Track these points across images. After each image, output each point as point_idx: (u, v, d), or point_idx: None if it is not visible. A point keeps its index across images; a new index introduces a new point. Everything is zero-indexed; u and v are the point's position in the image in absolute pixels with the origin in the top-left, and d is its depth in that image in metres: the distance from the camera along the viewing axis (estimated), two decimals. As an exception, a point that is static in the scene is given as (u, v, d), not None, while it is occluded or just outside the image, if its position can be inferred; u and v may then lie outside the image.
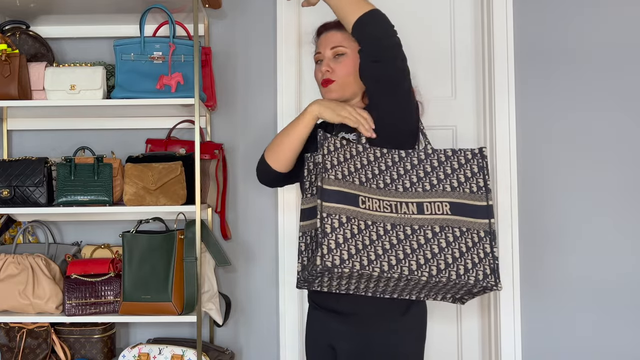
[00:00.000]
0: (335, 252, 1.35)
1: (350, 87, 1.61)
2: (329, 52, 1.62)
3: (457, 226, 1.44)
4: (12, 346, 1.96)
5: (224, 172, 2.16)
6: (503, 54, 2.17)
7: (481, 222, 1.45)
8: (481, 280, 1.40)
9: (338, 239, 1.37)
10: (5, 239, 2.16)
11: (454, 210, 1.46)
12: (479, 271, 1.41)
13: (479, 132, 2.25)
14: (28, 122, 2.22)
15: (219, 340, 2.22)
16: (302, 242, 1.50)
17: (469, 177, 1.49)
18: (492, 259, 1.42)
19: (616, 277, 2.17)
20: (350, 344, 1.51)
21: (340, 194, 1.41)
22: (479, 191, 1.48)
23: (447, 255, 1.41)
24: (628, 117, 2.18)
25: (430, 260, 1.40)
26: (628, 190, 2.17)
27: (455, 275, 1.39)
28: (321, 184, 1.41)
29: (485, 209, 1.46)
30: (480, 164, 1.51)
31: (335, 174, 1.44)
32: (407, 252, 1.40)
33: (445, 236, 1.42)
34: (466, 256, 1.41)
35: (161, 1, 1.96)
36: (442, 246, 1.41)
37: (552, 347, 2.17)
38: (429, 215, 1.45)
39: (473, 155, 1.52)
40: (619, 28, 2.19)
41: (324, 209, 1.38)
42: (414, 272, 1.37)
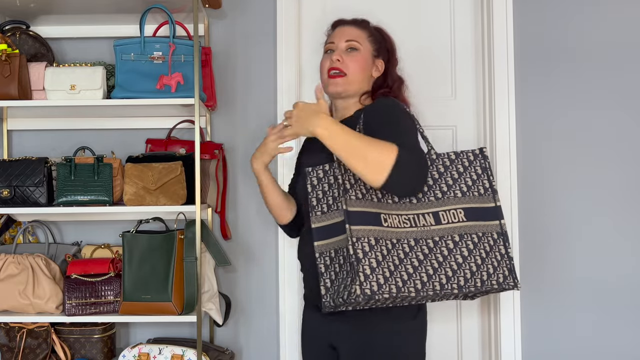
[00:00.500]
0: (371, 277, 1.33)
1: (355, 85, 1.61)
2: (343, 44, 1.61)
3: (474, 232, 1.44)
4: (12, 346, 1.96)
5: (224, 172, 2.16)
6: (503, 54, 2.18)
7: (493, 224, 1.46)
8: (502, 283, 1.42)
9: (372, 263, 1.34)
10: (5, 239, 2.16)
11: (468, 216, 1.45)
12: (499, 274, 1.42)
13: (479, 132, 2.26)
14: (28, 122, 2.22)
15: (219, 340, 2.22)
16: (321, 263, 1.45)
17: (475, 180, 1.49)
18: (507, 260, 1.44)
19: (616, 278, 2.17)
20: (353, 344, 1.50)
21: (364, 215, 1.39)
22: (485, 193, 1.48)
23: (471, 264, 1.41)
24: (628, 116, 2.18)
25: (457, 271, 1.40)
26: (629, 190, 2.17)
27: (480, 282, 1.40)
28: (346, 207, 1.38)
29: (495, 210, 1.47)
30: (483, 164, 1.50)
31: (356, 194, 1.42)
32: (435, 266, 1.40)
33: (465, 244, 1.43)
34: (487, 261, 1.43)
35: (161, 1, 1.96)
36: (465, 255, 1.42)
37: (552, 347, 2.17)
38: (446, 224, 1.44)
39: (475, 157, 1.51)
40: (618, 27, 2.19)
41: (353, 233, 1.35)
42: (445, 286, 1.38)
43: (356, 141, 1.35)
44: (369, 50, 1.63)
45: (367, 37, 1.64)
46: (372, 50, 1.64)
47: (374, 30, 1.68)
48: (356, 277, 1.32)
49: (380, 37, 1.68)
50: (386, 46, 1.69)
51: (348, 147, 1.35)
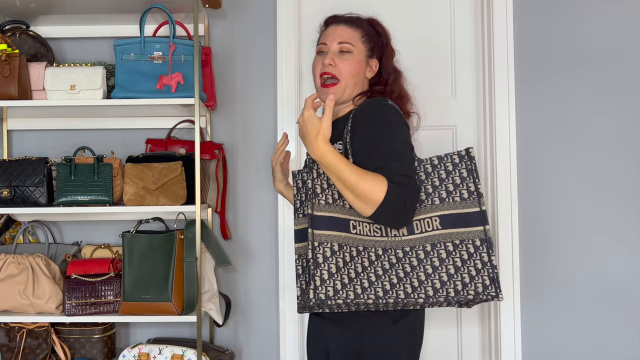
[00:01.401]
0: (328, 282, 1.31)
1: (349, 89, 1.57)
2: (336, 46, 1.57)
3: (449, 240, 1.37)
4: (12, 346, 1.96)
5: (224, 172, 2.16)
6: (503, 54, 2.18)
7: (476, 230, 1.37)
8: (481, 293, 1.33)
9: (331, 269, 1.32)
10: (5, 239, 2.16)
11: (444, 223, 1.38)
12: (478, 284, 1.34)
13: (479, 132, 2.26)
14: (28, 122, 2.22)
15: (219, 340, 2.22)
16: (298, 265, 1.45)
17: (458, 184, 1.41)
18: (490, 268, 1.34)
19: (618, 279, 2.16)
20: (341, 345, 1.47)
21: (331, 220, 1.37)
22: (470, 197, 1.39)
23: (442, 274, 1.34)
24: (628, 116, 2.18)
25: (424, 281, 1.34)
26: (629, 190, 2.17)
27: (454, 292, 1.33)
28: (311, 211, 1.36)
29: (479, 216, 1.37)
30: (469, 166, 1.41)
31: (326, 199, 1.39)
32: (400, 275, 1.35)
33: (437, 253, 1.36)
34: (462, 270, 1.35)
35: (161, 1, 1.96)
36: (436, 265, 1.35)
37: (553, 352, 2.17)
38: (419, 234, 1.38)
39: (460, 159, 1.42)
40: (618, 27, 2.19)
41: (315, 237, 1.34)
42: (410, 295, 1.33)
43: (347, 173, 1.34)
44: (362, 51, 1.59)
45: (360, 38, 1.59)
46: (365, 51, 1.59)
47: (367, 27, 1.63)
48: (311, 281, 1.30)
49: (374, 34, 1.63)
50: (381, 41, 1.64)
51: (339, 178, 1.35)
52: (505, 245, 2.16)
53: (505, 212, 2.16)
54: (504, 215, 2.16)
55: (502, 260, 2.16)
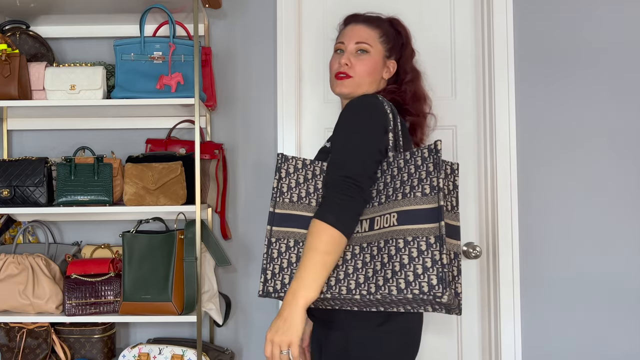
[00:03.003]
0: (278, 277, 1.38)
1: (363, 87, 1.57)
2: (353, 45, 1.57)
3: (401, 237, 1.29)
4: (12, 346, 1.96)
5: (224, 172, 2.16)
6: (503, 54, 2.17)
7: (431, 227, 1.27)
8: (426, 293, 1.23)
9: (283, 264, 1.39)
10: (5, 239, 2.16)
11: (401, 219, 1.31)
12: (423, 282, 1.24)
13: (479, 132, 2.26)
14: (28, 122, 2.22)
15: (219, 340, 2.22)
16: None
17: (422, 179, 1.32)
18: (440, 267, 1.24)
19: (618, 279, 2.16)
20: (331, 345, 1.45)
21: (292, 217, 1.42)
22: (431, 192, 1.30)
23: (387, 271, 1.28)
24: (628, 115, 2.18)
25: (370, 278, 1.30)
26: (629, 189, 2.17)
27: (396, 290, 1.25)
28: (273, 209, 1.43)
29: (435, 212, 1.28)
30: (436, 160, 1.32)
31: (291, 197, 1.44)
32: (348, 272, 1.33)
33: (388, 250, 1.29)
34: (408, 268, 1.26)
35: (161, 1, 1.96)
36: (385, 261, 1.29)
37: (553, 352, 2.17)
38: (377, 230, 1.33)
39: (429, 153, 1.34)
40: (619, 27, 2.19)
41: (274, 233, 1.41)
42: (352, 291, 1.30)
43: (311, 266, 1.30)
44: (380, 52, 1.58)
45: (378, 38, 1.59)
46: (383, 51, 1.59)
47: (387, 27, 1.62)
48: (263, 275, 1.39)
49: (394, 34, 1.62)
50: (400, 42, 1.63)
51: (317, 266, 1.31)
52: (505, 245, 2.16)
53: (505, 212, 2.16)
54: (504, 215, 2.16)
55: (501, 260, 2.16)
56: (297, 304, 1.30)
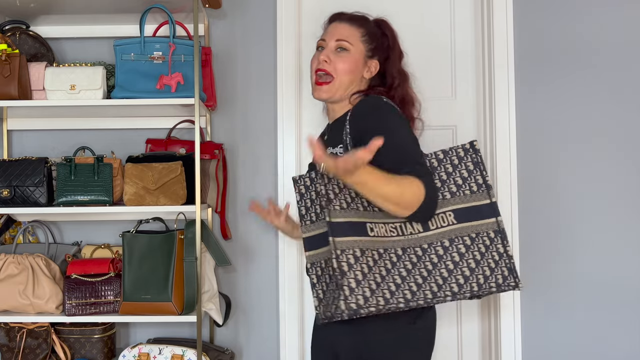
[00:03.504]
0: (357, 291, 1.28)
1: (343, 88, 1.54)
2: (333, 43, 1.55)
3: (466, 234, 1.37)
4: (12, 346, 1.96)
5: (224, 172, 2.16)
6: (503, 54, 2.17)
7: (488, 222, 1.37)
8: (502, 284, 1.34)
9: (357, 276, 1.29)
10: (5, 239, 2.16)
11: (458, 217, 1.38)
12: (498, 275, 1.34)
13: (479, 132, 2.25)
14: (28, 122, 2.22)
15: (219, 340, 2.22)
16: (312, 273, 1.40)
17: (466, 178, 1.40)
18: (507, 259, 1.35)
19: (619, 278, 2.15)
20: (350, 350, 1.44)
21: (348, 225, 1.32)
22: (479, 190, 1.39)
23: (464, 268, 1.34)
24: (628, 114, 2.18)
25: (447, 278, 1.34)
26: (629, 189, 2.17)
27: (477, 286, 1.34)
28: (329, 219, 1.31)
29: (490, 207, 1.38)
30: (475, 159, 1.41)
31: (340, 204, 1.34)
32: (424, 275, 1.33)
33: (456, 248, 1.36)
34: (482, 263, 1.35)
35: (161, 1, 1.96)
36: (456, 260, 1.35)
37: (553, 349, 2.17)
38: (435, 230, 1.37)
39: (465, 152, 1.42)
40: (618, 27, 2.19)
41: (337, 245, 1.29)
42: (437, 294, 1.33)
43: (387, 188, 1.28)
44: (360, 51, 1.55)
45: (360, 37, 1.56)
46: (364, 50, 1.56)
47: (372, 28, 1.59)
48: (340, 292, 1.27)
49: (378, 35, 1.59)
50: (386, 43, 1.60)
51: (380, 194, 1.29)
52: (505, 245, 2.16)
53: (506, 212, 2.15)
54: (504, 215, 2.15)
55: (502, 260, 2.16)
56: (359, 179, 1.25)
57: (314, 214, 1.42)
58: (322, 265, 1.38)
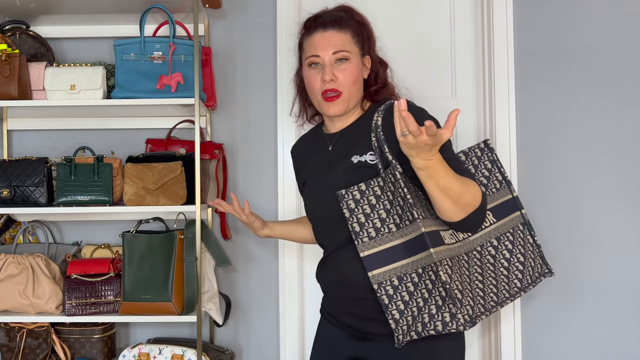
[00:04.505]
0: (464, 302, 1.26)
1: (354, 98, 1.47)
2: (330, 56, 1.44)
3: (506, 230, 1.40)
4: (12, 346, 1.96)
5: (224, 172, 2.16)
6: (503, 53, 2.17)
7: (515, 215, 1.42)
8: (541, 273, 1.41)
9: (457, 286, 1.26)
10: (5, 239, 2.16)
11: (496, 215, 1.41)
12: (537, 265, 1.40)
13: (479, 131, 2.25)
14: (28, 122, 2.22)
15: (219, 340, 2.22)
16: (382, 294, 1.28)
17: (488, 176, 1.45)
18: (536, 247, 1.42)
19: (620, 284, 2.14)
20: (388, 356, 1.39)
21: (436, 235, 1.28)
22: (501, 186, 1.44)
23: (516, 263, 1.38)
24: (628, 113, 2.18)
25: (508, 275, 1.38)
26: (630, 189, 2.17)
27: (530, 278, 1.39)
28: (424, 229, 1.25)
29: (514, 201, 1.43)
30: (491, 157, 1.46)
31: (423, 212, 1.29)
32: (492, 275, 1.36)
33: (504, 246, 1.39)
34: (527, 256, 1.40)
35: (161, 1, 1.96)
36: (507, 257, 1.38)
37: (553, 354, 2.16)
38: (481, 231, 1.39)
39: (482, 151, 1.46)
40: (618, 25, 2.19)
41: (435, 256, 1.24)
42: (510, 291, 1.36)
43: (454, 182, 1.23)
44: (357, 54, 1.47)
45: (352, 39, 1.47)
46: (359, 51, 1.48)
47: (352, 23, 1.49)
48: (455, 305, 1.22)
49: (359, 28, 1.50)
50: (365, 33, 1.51)
51: (443, 187, 1.23)
52: (505, 245, 2.16)
53: (505, 212, 2.15)
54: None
55: (502, 260, 2.16)
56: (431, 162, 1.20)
57: (373, 229, 1.30)
58: (394, 284, 1.28)
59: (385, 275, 1.29)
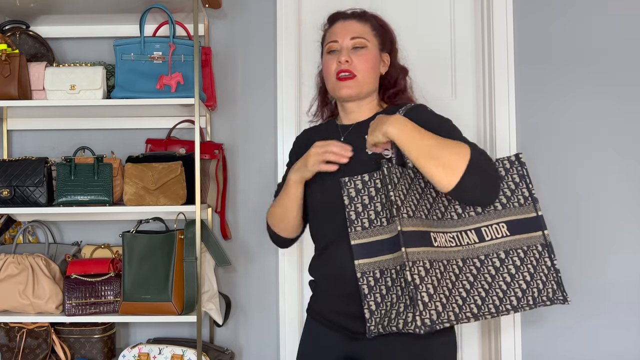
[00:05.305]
0: (430, 305, 1.25)
1: (368, 85, 1.49)
2: (349, 41, 1.48)
3: (519, 247, 1.37)
4: (12, 346, 1.96)
5: (224, 172, 2.16)
6: (503, 54, 2.17)
7: (536, 235, 1.38)
8: (552, 298, 1.35)
9: (429, 289, 1.26)
10: (5, 239, 2.16)
11: (511, 229, 1.38)
12: (549, 289, 1.35)
13: (479, 132, 2.25)
14: (28, 122, 2.22)
15: (219, 340, 2.22)
16: (363, 283, 1.32)
17: (513, 190, 1.40)
18: (554, 273, 1.36)
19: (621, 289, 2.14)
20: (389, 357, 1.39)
21: (417, 235, 1.29)
22: (526, 202, 1.39)
23: (520, 282, 1.34)
24: (628, 115, 2.18)
25: (506, 291, 1.34)
26: (631, 189, 2.17)
27: (532, 299, 1.34)
28: (400, 227, 1.27)
29: (537, 220, 1.38)
30: (520, 172, 1.41)
31: (407, 212, 1.30)
32: (485, 287, 1.33)
33: (512, 261, 1.36)
34: (535, 277, 1.35)
35: (161, 1, 1.96)
36: (512, 273, 1.35)
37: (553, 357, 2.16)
38: (490, 241, 1.37)
39: (511, 164, 1.42)
40: (618, 26, 2.19)
41: (409, 256, 1.25)
42: (499, 307, 1.32)
43: (429, 140, 1.30)
44: (375, 45, 1.51)
45: (371, 31, 1.52)
46: (378, 44, 1.52)
47: (375, 21, 1.55)
48: (416, 307, 1.24)
49: (381, 28, 1.56)
50: (390, 37, 1.57)
51: (420, 146, 1.29)
52: (505, 245, 2.16)
53: (505, 212, 2.15)
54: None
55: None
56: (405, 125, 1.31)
57: (367, 220, 1.35)
58: (376, 276, 1.32)
59: (370, 267, 1.33)
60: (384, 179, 1.33)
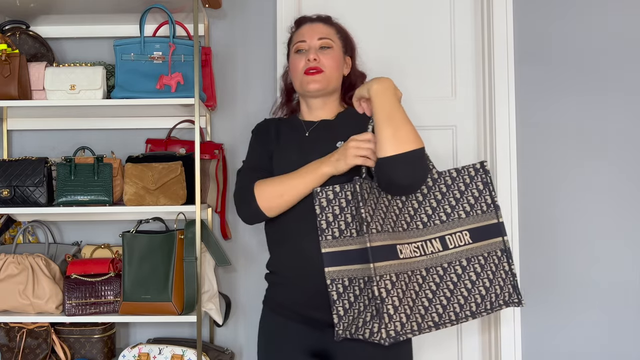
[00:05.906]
0: (395, 317, 1.30)
1: (333, 81, 1.61)
2: (316, 42, 1.60)
3: (480, 254, 1.42)
4: (12, 346, 1.96)
5: (224, 172, 2.16)
6: (503, 54, 2.17)
7: (496, 241, 1.43)
8: (508, 301, 1.41)
9: (394, 302, 1.31)
10: (5, 239, 2.16)
11: (474, 237, 1.43)
12: (506, 293, 1.41)
13: (479, 132, 2.25)
14: (28, 122, 2.22)
15: (219, 340, 2.22)
16: (332, 290, 1.38)
17: (477, 197, 1.46)
18: (511, 277, 1.42)
19: (620, 286, 2.15)
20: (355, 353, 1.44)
21: (384, 249, 1.34)
22: (488, 209, 1.45)
23: (480, 287, 1.39)
24: (629, 115, 2.18)
25: (467, 297, 1.38)
26: (630, 191, 2.17)
27: (490, 304, 1.39)
28: (369, 244, 1.32)
29: (498, 227, 1.44)
30: (484, 179, 1.46)
31: (376, 227, 1.36)
32: (447, 295, 1.37)
33: (473, 268, 1.40)
34: (494, 282, 1.40)
35: (161, 1, 1.96)
36: (473, 279, 1.39)
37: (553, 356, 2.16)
38: (453, 249, 1.42)
39: (476, 172, 1.47)
40: (618, 26, 2.19)
41: (377, 270, 1.31)
42: (459, 314, 1.36)
43: (399, 112, 1.40)
44: (339, 47, 1.64)
45: (336, 34, 1.65)
46: (342, 47, 1.66)
47: (337, 26, 1.69)
48: (382, 320, 1.28)
49: (344, 33, 1.69)
50: (351, 42, 1.71)
51: (389, 111, 1.39)
52: (505, 245, 2.15)
53: (505, 214, 2.15)
54: (504, 215, 2.15)
55: (502, 260, 2.15)
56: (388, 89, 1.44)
57: (337, 230, 1.40)
58: (345, 283, 1.37)
59: (339, 274, 1.38)
60: (355, 194, 1.38)
